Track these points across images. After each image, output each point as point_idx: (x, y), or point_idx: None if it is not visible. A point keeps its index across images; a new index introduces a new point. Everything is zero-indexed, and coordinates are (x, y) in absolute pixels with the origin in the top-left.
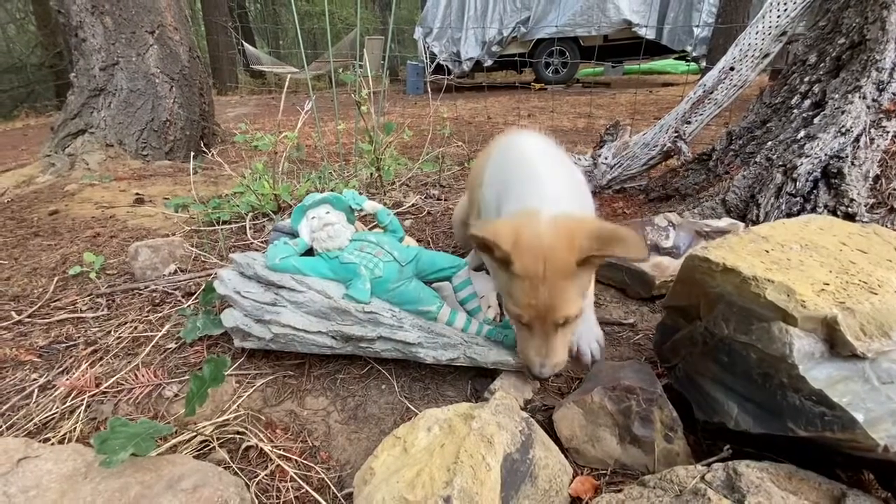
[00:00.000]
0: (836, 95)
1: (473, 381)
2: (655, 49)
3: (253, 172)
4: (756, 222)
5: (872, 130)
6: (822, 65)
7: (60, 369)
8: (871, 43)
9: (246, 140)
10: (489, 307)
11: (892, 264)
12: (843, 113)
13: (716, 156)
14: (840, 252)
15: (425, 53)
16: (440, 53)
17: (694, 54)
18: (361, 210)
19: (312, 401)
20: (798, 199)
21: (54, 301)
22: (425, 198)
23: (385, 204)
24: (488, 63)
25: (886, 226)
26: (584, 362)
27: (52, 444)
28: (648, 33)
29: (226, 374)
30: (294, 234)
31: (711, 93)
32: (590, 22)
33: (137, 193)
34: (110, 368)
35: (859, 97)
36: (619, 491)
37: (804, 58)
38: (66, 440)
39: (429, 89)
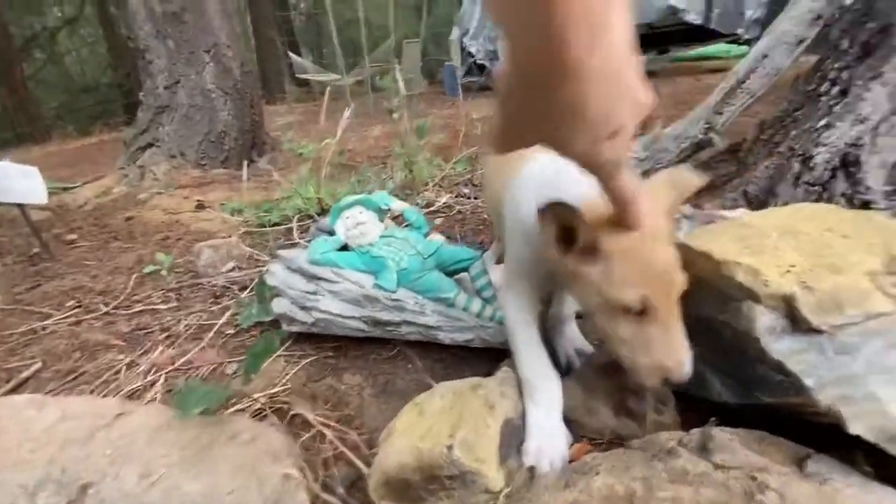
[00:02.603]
0: (860, 82)
1: (490, 360)
2: (704, 34)
3: (299, 178)
4: None
5: (893, 117)
6: (852, 50)
7: (142, 351)
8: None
9: (291, 149)
10: None
11: (872, 248)
12: (861, 101)
13: (746, 146)
14: (821, 237)
15: (460, 53)
16: (477, 52)
17: (746, 37)
18: (390, 209)
19: (349, 378)
20: (816, 187)
21: (133, 295)
22: (456, 196)
23: (417, 204)
24: None
25: None
26: None
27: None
28: (696, 18)
29: (276, 353)
30: (332, 232)
31: (744, 82)
32: (632, 9)
33: (198, 200)
34: (182, 350)
35: (880, 84)
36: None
37: (837, 42)
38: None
39: (459, 90)
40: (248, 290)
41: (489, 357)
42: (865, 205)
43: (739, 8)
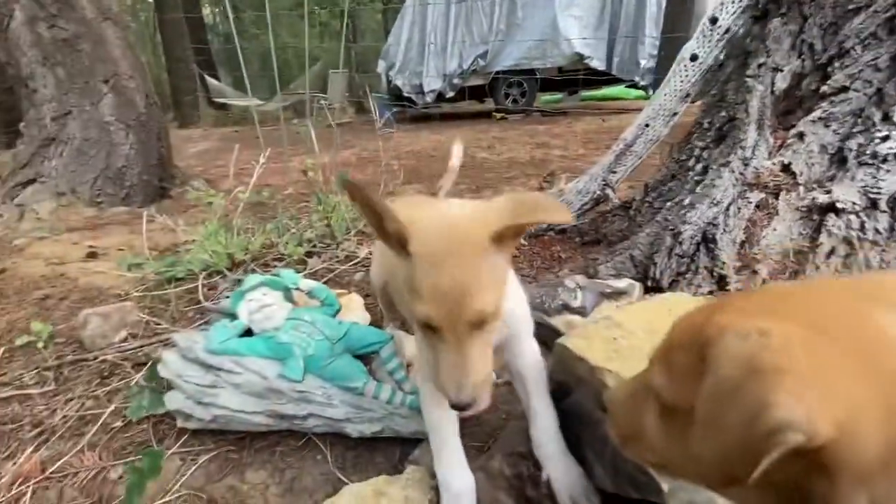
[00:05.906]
0: (715, 166)
1: (402, 446)
2: (608, 77)
3: (205, 232)
4: (655, 279)
5: (739, 201)
6: (710, 133)
7: (6, 454)
8: (739, 122)
9: (198, 198)
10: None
11: None
12: (714, 186)
13: (635, 205)
14: None
15: (387, 86)
16: (403, 86)
17: (642, 83)
18: (298, 288)
19: (252, 475)
20: (685, 259)
21: (1, 375)
22: None
23: (337, 257)
24: (450, 94)
25: (750, 286)
26: None
27: None
28: (599, 64)
29: (167, 455)
30: (234, 316)
31: (631, 146)
32: (545, 55)
33: (90, 246)
34: (56, 452)
35: (728, 171)
36: None
37: (701, 120)
38: None
39: (392, 122)
40: (142, 369)
41: (401, 445)
42: (722, 279)
43: (634, 58)
